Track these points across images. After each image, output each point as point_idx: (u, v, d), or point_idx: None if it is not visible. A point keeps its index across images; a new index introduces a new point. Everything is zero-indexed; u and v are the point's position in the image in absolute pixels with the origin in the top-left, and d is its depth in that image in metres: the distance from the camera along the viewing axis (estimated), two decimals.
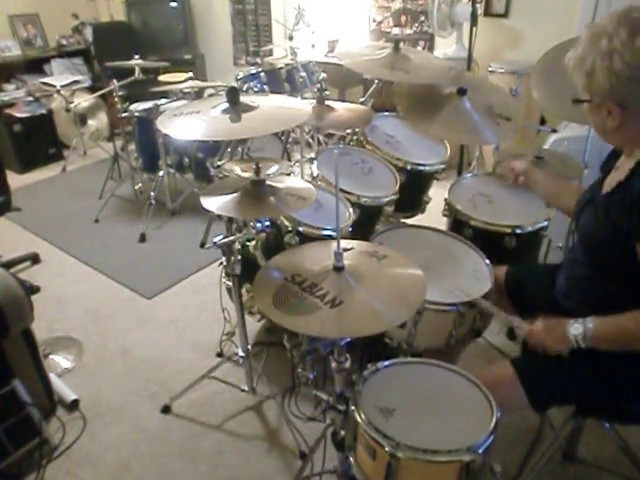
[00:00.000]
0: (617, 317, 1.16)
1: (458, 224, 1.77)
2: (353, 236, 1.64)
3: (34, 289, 2.40)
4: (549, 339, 1.25)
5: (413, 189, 2.04)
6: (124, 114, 3.28)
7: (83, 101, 4.23)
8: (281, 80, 3.37)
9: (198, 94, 3.46)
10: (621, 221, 1.15)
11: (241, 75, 3.17)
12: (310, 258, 1.20)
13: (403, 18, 4.03)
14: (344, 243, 1.17)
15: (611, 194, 1.21)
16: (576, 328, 1.20)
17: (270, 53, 4.48)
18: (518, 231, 1.69)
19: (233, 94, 1.44)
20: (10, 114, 4.19)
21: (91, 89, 4.68)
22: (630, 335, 1.15)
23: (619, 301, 1.17)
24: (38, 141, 4.33)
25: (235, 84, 3.08)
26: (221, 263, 1.71)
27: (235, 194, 1.46)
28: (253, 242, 1.89)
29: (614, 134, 1.20)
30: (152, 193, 3.32)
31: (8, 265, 2.76)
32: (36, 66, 4.72)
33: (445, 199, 1.85)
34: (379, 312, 1.04)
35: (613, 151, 1.36)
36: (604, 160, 1.39)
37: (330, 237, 1.61)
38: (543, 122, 2.79)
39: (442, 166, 2.04)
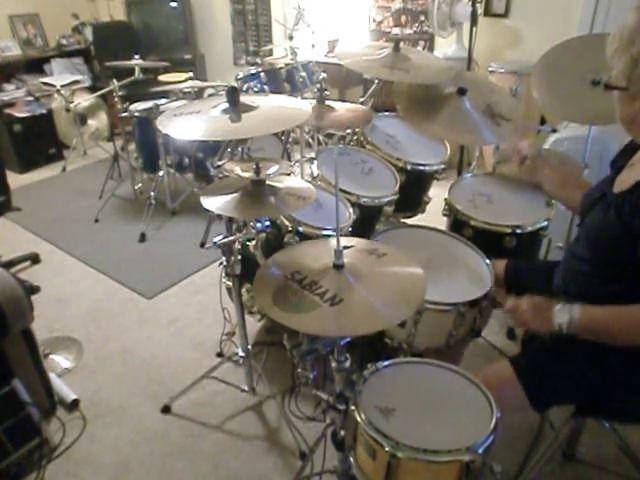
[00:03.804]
0: (604, 311, 1.16)
1: (458, 224, 1.77)
2: (353, 236, 1.64)
3: (34, 289, 2.41)
4: (533, 320, 1.24)
5: (413, 189, 2.04)
6: (124, 114, 3.27)
7: (83, 101, 4.23)
8: (281, 80, 3.37)
9: (198, 94, 3.45)
10: (634, 221, 1.12)
11: (241, 75, 3.17)
12: (310, 256, 1.20)
13: (403, 18, 4.03)
14: (344, 240, 1.17)
15: (626, 193, 1.17)
16: (562, 316, 1.18)
17: (270, 53, 4.48)
18: (518, 231, 1.68)
19: (233, 94, 1.44)
20: (10, 114, 4.19)
21: (91, 89, 4.68)
22: (611, 333, 1.16)
23: (617, 299, 1.17)
24: (38, 141, 4.33)
25: (235, 84, 3.08)
26: (221, 263, 1.71)
27: (235, 194, 1.46)
28: (253, 242, 1.89)
29: None
30: (152, 193, 3.32)
31: (8, 265, 2.76)
32: (36, 66, 4.72)
33: (445, 199, 1.84)
34: (379, 310, 1.04)
35: (626, 147, 1.32)
36: (615, 156, 1.34)
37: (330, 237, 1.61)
38: (543, 122, 2.79)
39: (442, 166, 2.04)
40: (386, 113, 2.24)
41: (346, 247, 1.14)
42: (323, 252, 1.16)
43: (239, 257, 1.67)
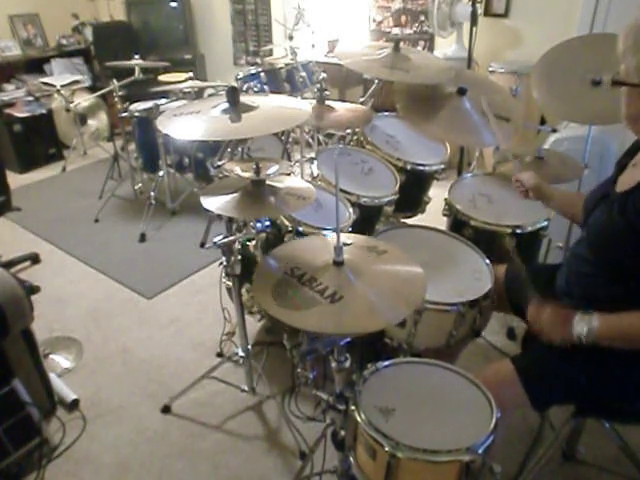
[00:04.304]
0: (621, 317, 1.15)
1: (458, 224, 1.77)
2: None
3: (34, 289, 2.40)
4: (552, 329, 1.23)
5: (413, 189, 2.04)
6: (124, 114, 3.27)
7: (83, 101, 4.23)
8: (281, 80, 3.37)
9: (198, 94, 3.45)
10: (639, 219, 1.12)
11: (241, 75, 3.17)
12: (310, 252, 1.20)
13: (403, 18, 4.03)
14: (344, 237, 1.17)
15: (630, 192, 1.17)
16: (581, 327, 1.17)
17: (270, 53, 4.48)
18: (518, 231, 1.69)
19: (233, 94, 1.44)
20: (10, 114, 4.19)
21: (91, 89, 4.68)
22: (632, 339, 1.14)
23: (622, 300, 1.17)
24: (38, 141, 4.33)
25: (235, 84, 3.08)
26: (221, 263, 1.71)
27: (235, 194, 1.46)
28: (253, 242, 1.89)
29: None
30: (152, 193, 3.32)
31: (8, 265, 2.76)
32: (36, 66, 4.73)
33: (445, 199, 1.85)
34: (379, 308, 1.04)
35: (631, 147, 1.31)
36: (621, 156, 1.33)
37: None
38: (543, 122, 2.79)
39: (442, 166, 2.05)
40: (386, 113, 2.24)
41: (346, 244, 1.14)
42: (323, 249, 1.16)
43: (239, 257, 1.67)
